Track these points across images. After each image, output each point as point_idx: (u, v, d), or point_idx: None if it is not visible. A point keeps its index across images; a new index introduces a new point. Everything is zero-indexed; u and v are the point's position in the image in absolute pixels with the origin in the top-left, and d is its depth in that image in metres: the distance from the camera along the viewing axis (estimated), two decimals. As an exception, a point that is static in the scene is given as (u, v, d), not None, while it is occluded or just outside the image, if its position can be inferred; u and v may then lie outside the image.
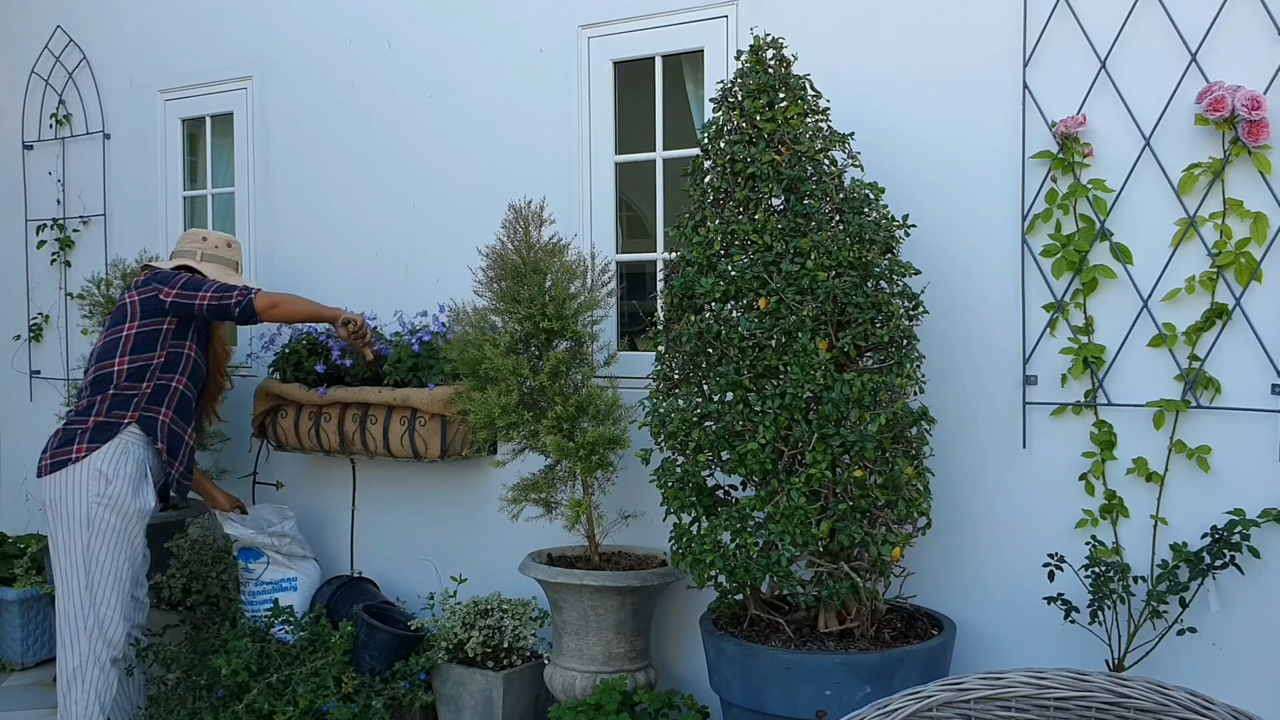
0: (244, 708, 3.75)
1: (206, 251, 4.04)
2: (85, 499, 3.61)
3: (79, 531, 3.62)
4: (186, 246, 4.06)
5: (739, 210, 3.04)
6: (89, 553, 3.62)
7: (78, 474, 3.62)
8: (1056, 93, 3.18)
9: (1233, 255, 2.94)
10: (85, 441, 3.65)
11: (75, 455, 3.64)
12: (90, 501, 3.60)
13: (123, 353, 3.74)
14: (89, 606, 3.63)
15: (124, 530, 3.66)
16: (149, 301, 3.77)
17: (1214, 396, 3.00)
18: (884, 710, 1.75)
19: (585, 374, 3.57)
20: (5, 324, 5.65)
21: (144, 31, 5.12)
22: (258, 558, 4.23)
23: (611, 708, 3.24)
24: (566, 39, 3.98)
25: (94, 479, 3.61)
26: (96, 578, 3.63)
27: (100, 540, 3.62)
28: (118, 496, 3.62)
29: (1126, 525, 3.11)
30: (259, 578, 4.22)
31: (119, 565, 3.67)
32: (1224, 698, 1.75)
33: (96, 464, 3.62)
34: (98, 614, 3.64)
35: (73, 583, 3.63)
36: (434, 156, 4.30)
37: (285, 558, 4.21)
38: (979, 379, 3.30)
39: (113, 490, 3.62)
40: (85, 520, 3.61)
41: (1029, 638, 3.23)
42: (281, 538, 4.20)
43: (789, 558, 2.83)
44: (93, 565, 3.62)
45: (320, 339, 4.21)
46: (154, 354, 3.75)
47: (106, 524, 3.62)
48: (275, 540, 4.19)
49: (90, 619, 3.63)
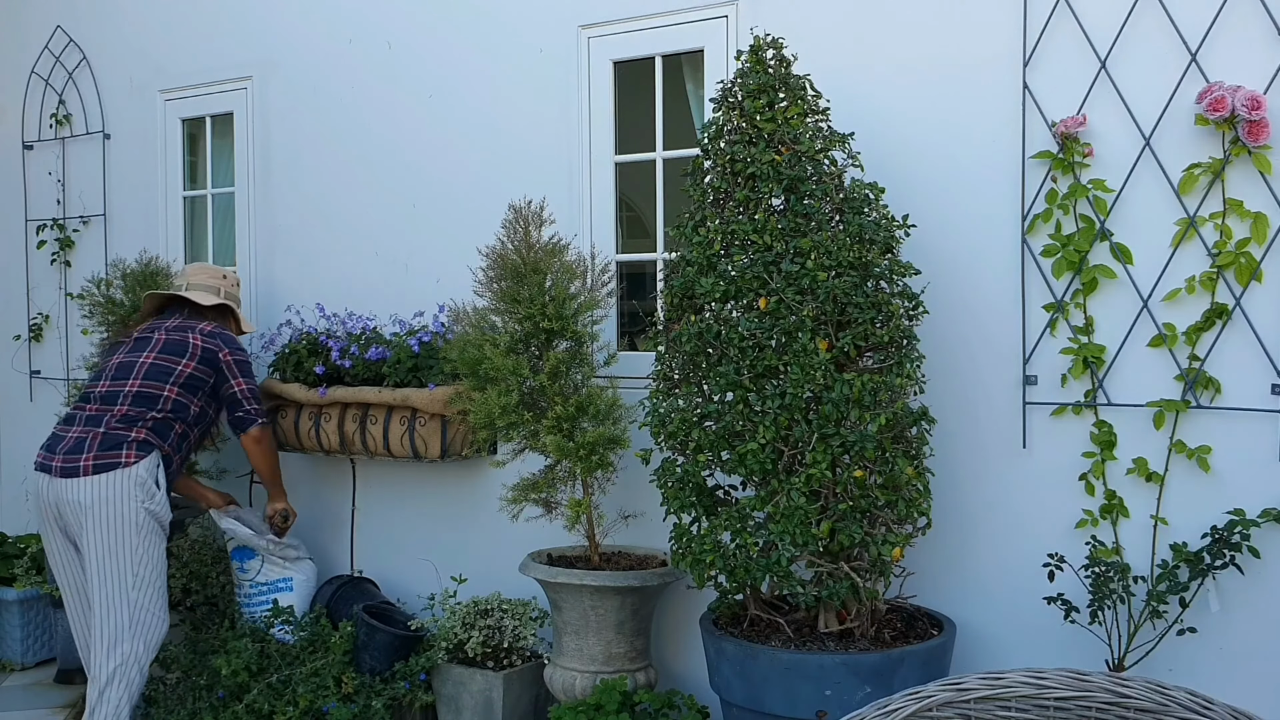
0: (244, 708, 3.75)
1: (227, 290, 4.23)
2: (135, 503, 3.68)
3: (129, 534, 3.67)
4: (209, 282, 4.20)
5: (739, 210, 3.04)
6: (137, 556, 3.68)
7: (127, 479, 3.68)
8: (1056, 93, 3.18)
9: (1233, 255, 2.94)
10: (134, 450, 3.72)
11: (125, 460, 3.69)
12: (139, 506, 3.68)
13: (174, 383, 3.86)
14: (136, 607, 3.68)
15: (162, 537, 3.78)
16: (209, 353, 3.94)
17: (1214, 396, 3.00)
18: (884, 710, 1.75)
19: (585, 374, 3.57)
20: (5, 324, 5.64)
21: (144, 31, 5.12)
22: (252, 557, 4.22)
23: (611, 708, 3.24)
24: (566, 39, 3.98)
25: (140, 486, 3.69)
26: (145, 579, 3.69)
27: (146, 544, 3.69)
28: (159, 506, 3.74)
29: (1126, 525, 3.11)
30: (254, 578, 4.21)
31: (160, 569, 3.76)
32: (1224, 698, 1.75)
33: (142, 472, 3.70)
34: (144, 615, 3.69)
35: (120, 584, 3.66)
36: (434, 156, 4.30)
37: (280, 558, 4.21)
38: (979, 379, 3.30)
39: (157, 499, 3.73)
40: (135, 524, 3.67)
41: (1029, 638, 3.23)
42: (275, 541, 4.19)
43: (789, 558, 2.83)
44: (140, 567, 3.69)
45: (320, 339, 4.21)
46: (196, 399, 3.92)
47: (151, 529, 3.71)
48: (269, 544, 4.18)
49: (136, 620, 3.68)
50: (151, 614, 3.71)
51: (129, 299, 4.52)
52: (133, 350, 3.93)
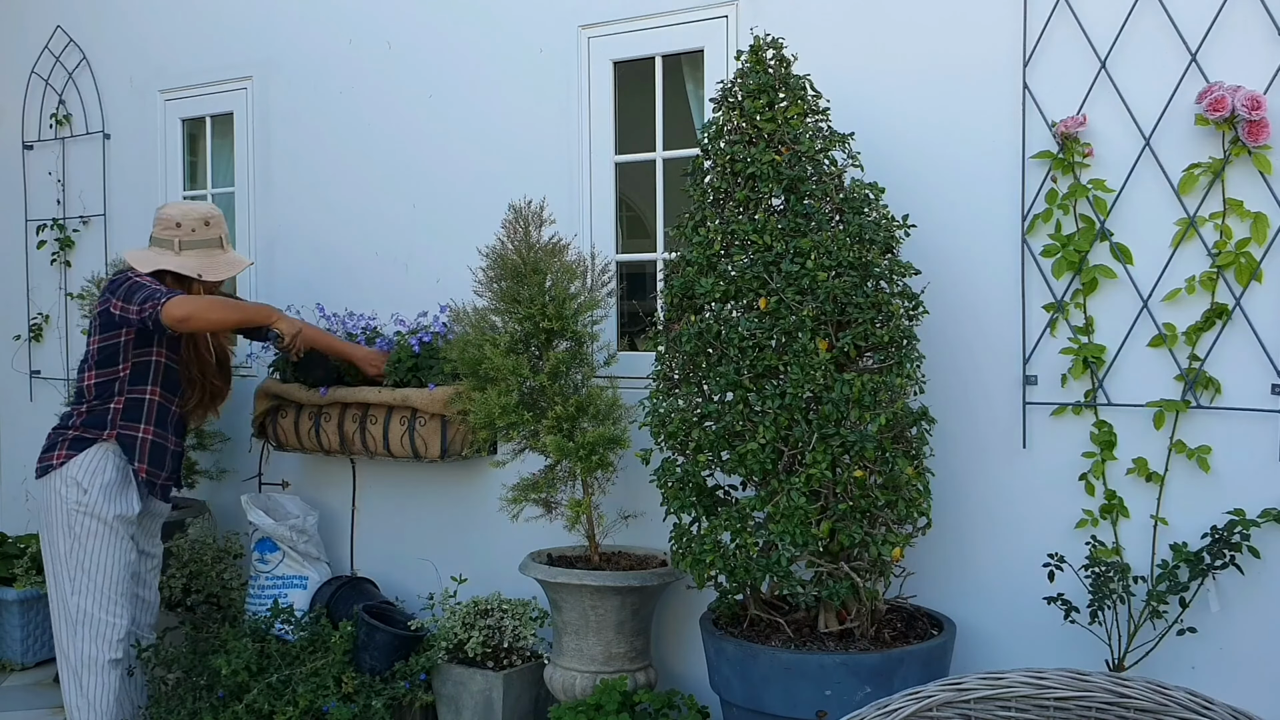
0: (244, 708, 3.75)
1: (184, 239, 3.76)
2: (64, 505, 3.59)
3: (60, 537, 3.59)
4: (162, 235, 3.78)
5: (739, 210, 3.04)
6: (72, 557, 3.59)
7: (56, 481, 3.61)
8: (1056, 93, 3.18)
9: (1233, 255, 2.94)
10: (65, 449, 3.63)
11: (56, 461, 3.62)
12: (68, 508, 3.58)
13: (90, 367, 3.68)
14: (78, 609, 3.60)
15: (107, 534, 3.61)
16: (104, 314, 3.63)
17: (1214, 396, 3.00)
18: (884, 710, 1.75)
19: (585, 374, 3.57)
20: (5, 324, 5.65)
21: (144, 31, 5.12)
22: (274, 550, 4.24)
23: (611, 708, 3.24)
24: (566, 39, 3.98)
25: (70, 487, 3.59)
26: (82, 582, 3.59)
27: (84, 545, 3.59)
28: (93, 504, 3.58)
29: (1126, 525, 3.11)
30: (272, 570, 4.22)
31: (109, 567, 3.62)
32: (1224, 698, 1.75)
33: (72, 472, 3.59)
34: (89, 616, 3.60)
35: (61, 586, 3.61)
36: (434, 156, 4.30)
37: (301, 556, 4.22)
38: (979, 379, 3.30)
39: (88, 499, 3.58)
40: (65, 526, 3.58)
41: (1029, 638, 3.23)
42: (300, 534, 4.21)
43: (789, 558, 2.83)
44: (77, 570, 3.59)
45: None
46: (118, 368, 3.66)
47: (87, 529, 3.59)
48: (294, 535, 4.19)
49: (81, 622, 3.60)
50: (101, 619, 3.61)
51: (129, 299, 4.51)
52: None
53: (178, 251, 3.76)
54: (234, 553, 4.50)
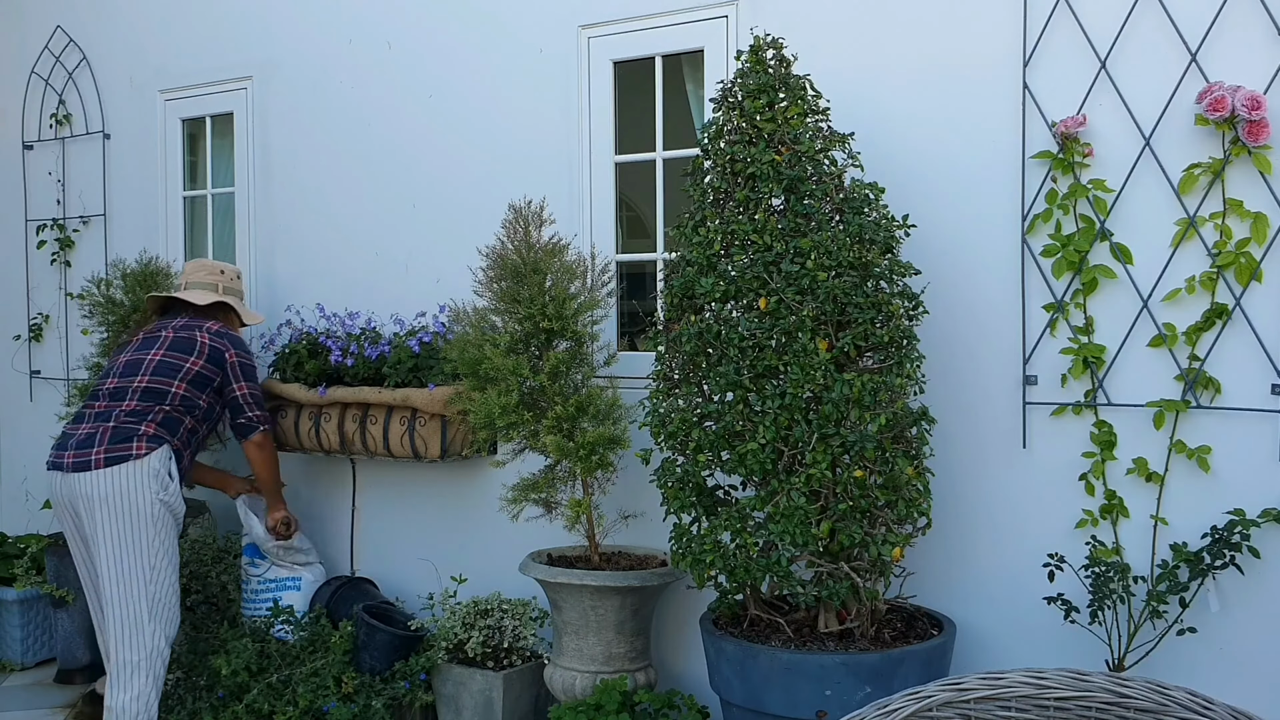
0: (244, 708, 3.75)
1: (226, 285, 4.21)
2: (149, 495, 3.68)
3: (144, 526, 3.67)
4: (206, 278, 4.19)
5: (739, 210, 3.04)
6: (153, 548, 3.69)
7: (140, 471, 3.68)
8: (1056, 93, 3.18)
9: (1233, 255, 2.94)
10: (145, 442, 3.72)
11: (137, 452, 3.69)
12: (154, 498, 3.69)
13: (183, 379, 3.88)
14: (154, 600, 3.69)
15: (176, 529, 3.78)
16: (216, 352, 3.95)
17: (1214, 396, 3.00)
18: (884, 710, 1.75)
19: (585, 374, 3.57)
20: (5, 324, 5.65)
21: (144, 31, 5.12)
22: (264, 555, 4.24)
23: (611, 708, 3.24)
24: (566, 39, 3.98)
25: (154, 478, 3.70)
26: (161, 571, 3.71)
27: (161, 535, 3.71)
28: (172, 497, 3.74)
29: (1126, 525, 3.11)
30: (263, 574, 4.22)
31: (174, 561, 3.76)
32: (1224, 698, 1.75)
33: (155, 464, 3.71)
34: (161, 608, 3.70)
35: (137, 577, 3.67)
36: (434, 156, 4.30)
37: (289, 565, 4.22)
38: (979, 379, 3.30)
39: (170, 490, 3.74)
40: (150, 516, 3.68)
41: (1029, 638, 3.23)
42: (285, 549, 4.19)
43: (789, 558, 2.83)
44: (156, 559, 3.70)
45: (320, 339, 4.21)
46: (204, 395, 3.93)
47: (165, 521, 3.72)
48: (279, 550, 4.18)
49: (155, 613, 3.69)
50: (167, 606, 3.72)
51: (129, 299, 4.52)
52: (140, 348, 3.95)
53: (220, 294, 4.18)
54: (234, 553, 4.49)
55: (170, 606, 3.73)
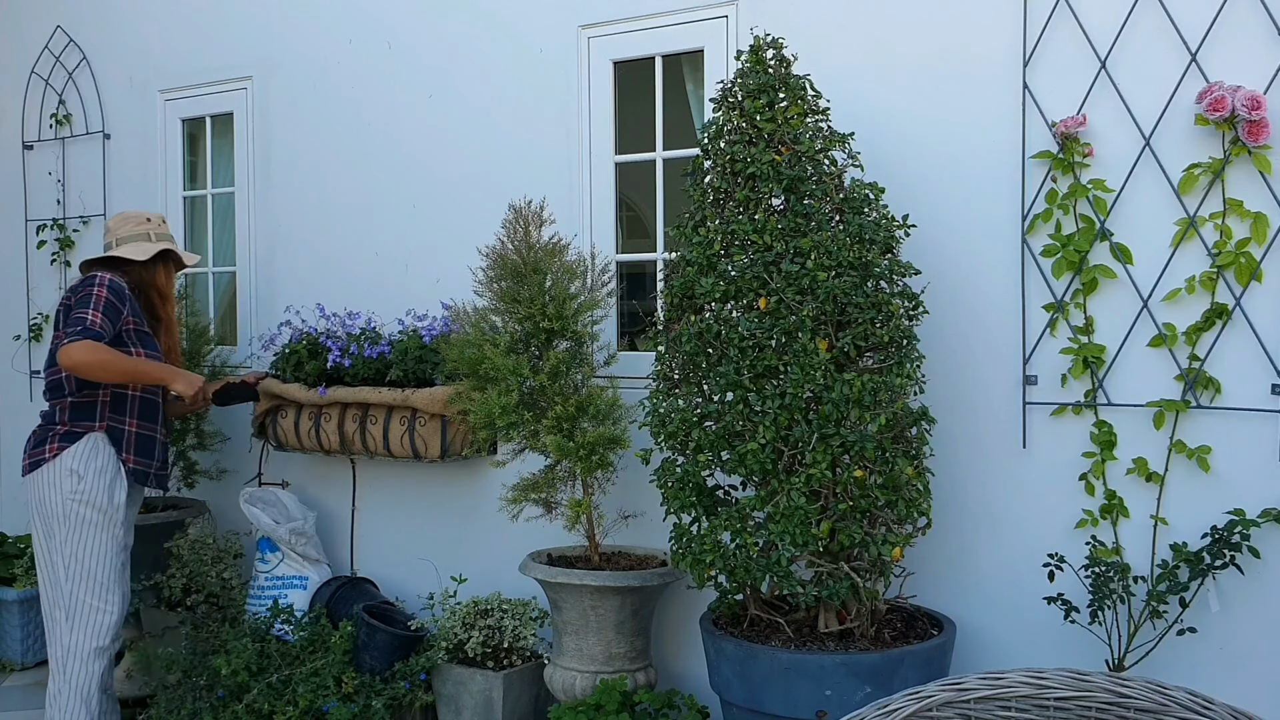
0: (244, 708, 3.75)
1: (157, 231, 3.91)
2: (60, 496, 3.61)
3: (56, 527, 3.62)
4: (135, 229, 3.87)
5: (739, 210, 3.04)
6: (68, 546, 3.61)
7: (51, 472, 3.62)
8: (1056, 93, 3.18)
9: (1233, 255, 2.94)
10: (56, 443, 3.64)
11: (49, 454, 3.63)
12: (65, 498, 3.60)
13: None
14: (72, 597, 3.62)
15: (102, 523, 3.64)
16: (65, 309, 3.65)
17: (1214, 396, 3.00)
18: (884, 710, 1.75)
19: (585, 374, 3.57)
20: (5, 324, 5.65)
21: (144, 31, 5.12)
22: (273, 550, 4.24)
23: (611, 708, 3.24)
24: (566, 39, 3.98)
25: (66, 476, 3.60)
26: (76, 570, 3.62)
27: (78, 534, 3.61)
28: (90, 492, 3.61)
29: (1126, 525, 3.11)
30: (271, 571, 4.22)
31: (102, 557, 3.65)
32: (1224, 698, 1.75)
33: (67, 463, 3.61)
34: (82, 604, 3.62)
35: (54, 576, 3.63)
36: (434, 156, 4.30)
37: (300, 558, 4.22)
38: (979, 379, 3.30)
39: (84, 486, 3.61)
40: (62, 516, 3.61)
41: (1029, 638, 3.23)
42: (299, 536, 4.21)
43: (789, 558, 2.83)
44: (71, 559, 3.62)
45: (320, 340, 4.21)
46: None
47: (83, 518, 3.61)
48: (293, 537, 4.19)
49: (71, 611, 3.62)
50: (88, 605, 3.62)
51: (129, 299, 4.51)
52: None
53: (152, 241, 3.86)
54: (234, 552, 4.50)
55: (90, 605, 3.62)
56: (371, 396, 4.00)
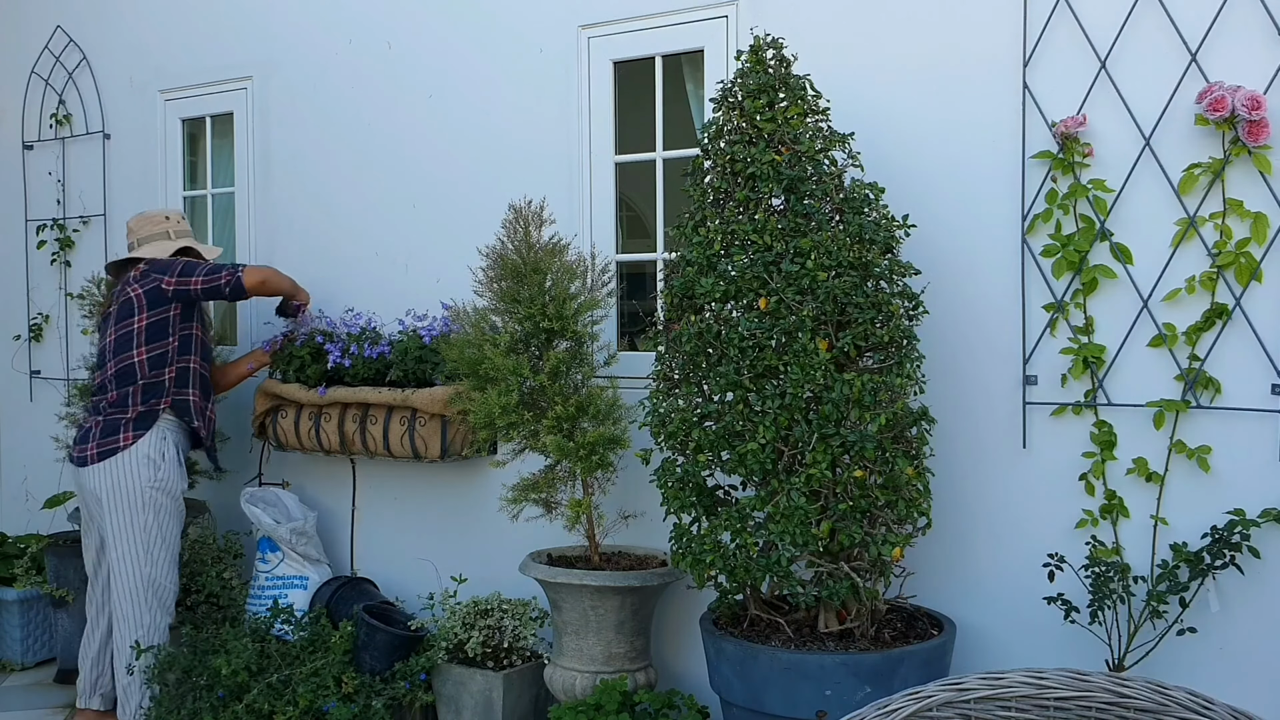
0: (244, 708, 3.75)
1: (177, 230, 4.22)
2: (140, 483, 3.87)
3: (138, 513, 3.88)
4: (154, 229, 4.19)
5: (739, 210, 3.04)
6: (148, 532, 3.89)
7: (129, 461, 3.88)
8: (1056, 93, 3.18)
9: (1233, 255, 2.94)
10: (131, 430, 3.90)
11: (124, 443, 3.88)
12: (144, 485, 3.87)
13: (139, 344, 3.96)
14: (152, 581, 3.91)
15: (174, 509, 3.96)
16: (153, 292, 3.98)
17: (1214, 396, 3.00)
18: (884, 710, 1.75)
19: (585, 374, 3.57)
20: (5, 324, 5.64)
21: (144, 31, 5.12)
22: (274, 550, 4.25)
23: (611, 708, 3.24)
24: (566, 39, 3.98)
25: (144, 465, 3.88)
26: (160, 554, 3.93)
27: (158, 519, 3.90)
28: (166, 479, 3.91)
29: (1126, 525, 3.11)
30: (272, 570, 4.23)
31: (173, 539, 3.98)
32: (1224, 698, 1.75)
33: (144, 450, 3.88)
34: (161, 586, 3.94)
35: (135, 560, 3.90)
36: (434, 156, 4.30)
37: (300, 558, 4.23)
38: (979, 379, 3.30)
39: (162, 474, 3.91)
40: (143, 503, 3.88)
41: (1029, 638, 3.23)
42: (300, 535, 4.21)
43: (789, 558, 2.83)
44: (153, 543, 3.90)
45: (318, 340, 4.21)
46: (168, 340, 3.98)
47: (161, 505, 3.91)
48: (293, 537, 4.20)
49: (151, 591, 3.91)
50: (163, 585, 3.95)
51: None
52: (104, 333, 4.10)
53: (172, 239, 4.19)
54: (234, 552, 4.50)
55: (164, 586, 3.94)
56: (371, 396, 4.00)
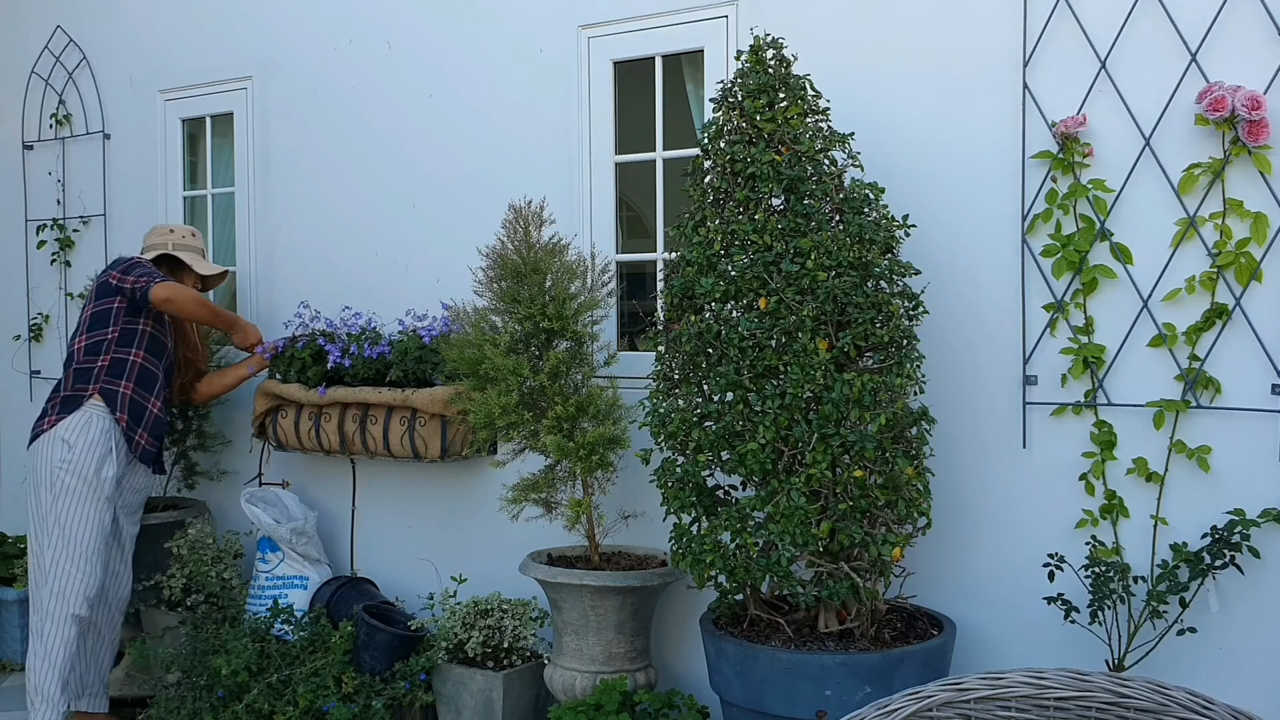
0: (244, 708, 3.75)
1: (176, 242, 4.29)
2: (49, 464, 3.83)
3: (43, 494, 3.83)
4: (156, 240, 4.29)
5: (739, 210, 3.04)
6: (51, 513, 3.81)
7: (46, 442, 3.87)
8: (1056, 93, 3.18)
9: (1233, 255, 2.94)
10: (55, 413, 3.90)
11: (47, 425, 3.89)
12: (53, 466, 3.82)
13: (81, 332, 4.01)
14: (51, 562, 3.81)
15: (85, 494, 3.82)
16: (102, 286, 4.03)
17: (1214, 396, 3.00)
18: (884, 710, 1.75)
19: (585, 374, 3.57)
20: (5, 324, 5.65)
21: (144, 31, 5.12)
22: (274, 550, 4.25)
23: (611, 708, 3.24)
24: (566, 39, 3.98)
25: (57, 446, 3.83)
26: (57, 537, 3.81)
27: (61, 502, 3.81)
28: (77, 461, 3.81)
29: (1126, 525, 3.11)
30: (272, 570, 4.23)
31: (84, 524, 3.83)
32: (1224, 698, 1.75)
33: (60, 432, 3.85)
34: (60, 570, 3.80)
35: (40, 541, 3.84)
36: (434, 156, 4.30)
37: (300, 558, 4.23)
38: (979, 379, 3.30)
39: (73, 455, 3.82)
40: (49, 484, 3.82)
41: (1029, 638, 3.23)
42: (300, 535, 4.21)
43: (789, 558, 2.83)
44: (54, 525, 3.81)
45: (318, 340, 4.21)
46: (107, 330, 3.98)
47: (66, 486, 3.81)
48: (293, 537, 4.20)
49: (52, 575, 3.80)
50: (66, 572, 3.79)
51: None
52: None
53: (170, 250, 4.26)
54: (234, 552, 4.50)
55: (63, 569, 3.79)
56: (371, 397, 4.00)
